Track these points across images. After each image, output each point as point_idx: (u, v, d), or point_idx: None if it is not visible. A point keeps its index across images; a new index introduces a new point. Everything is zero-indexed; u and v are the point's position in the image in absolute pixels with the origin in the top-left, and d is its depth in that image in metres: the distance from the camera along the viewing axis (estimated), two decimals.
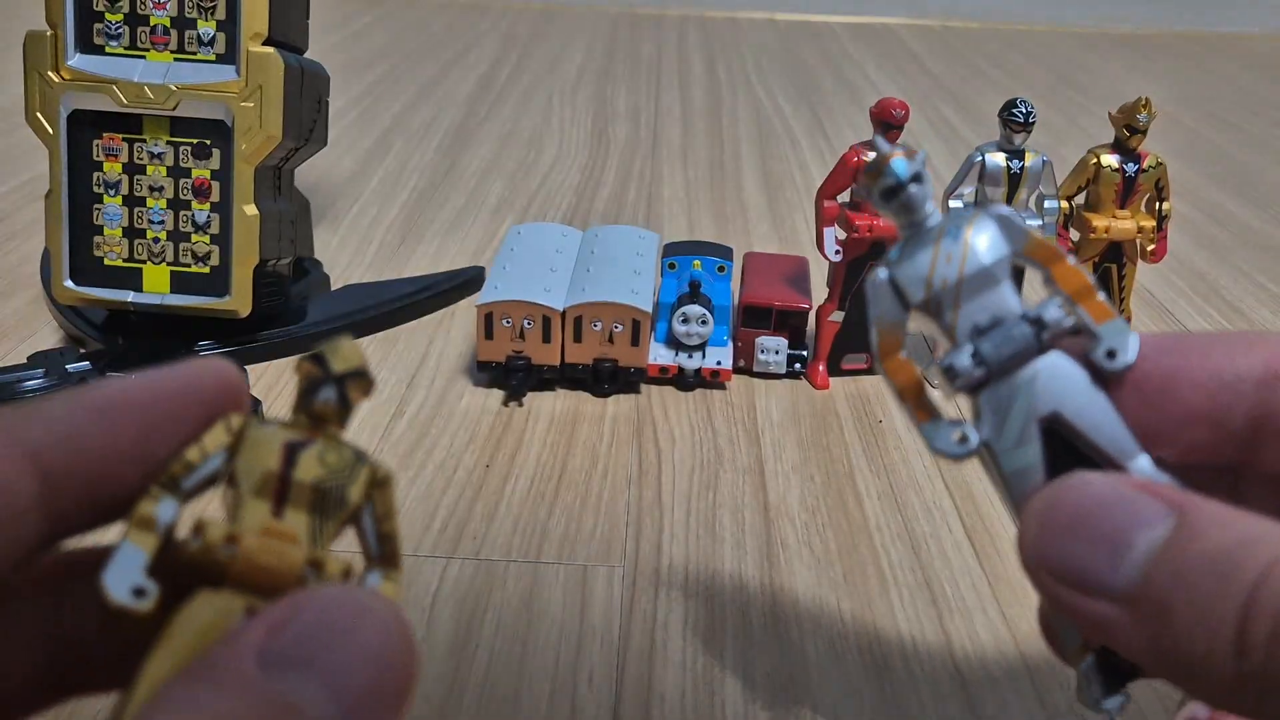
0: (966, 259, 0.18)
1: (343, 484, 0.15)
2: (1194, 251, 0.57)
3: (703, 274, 0.43)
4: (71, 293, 0.39)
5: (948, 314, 0.18)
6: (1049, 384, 0.17)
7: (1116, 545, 0.15)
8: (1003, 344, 0.17)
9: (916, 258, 0.18)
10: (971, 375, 0.17)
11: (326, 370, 0.15)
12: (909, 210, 0.18)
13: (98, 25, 0.38)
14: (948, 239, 0.18)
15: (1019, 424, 0.17)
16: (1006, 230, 0.18)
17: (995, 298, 0.18)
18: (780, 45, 1.07)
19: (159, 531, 0.15)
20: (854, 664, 0.28)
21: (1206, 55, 1.11)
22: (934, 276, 0.18)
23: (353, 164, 0.65)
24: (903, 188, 0.18)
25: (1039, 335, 0.17)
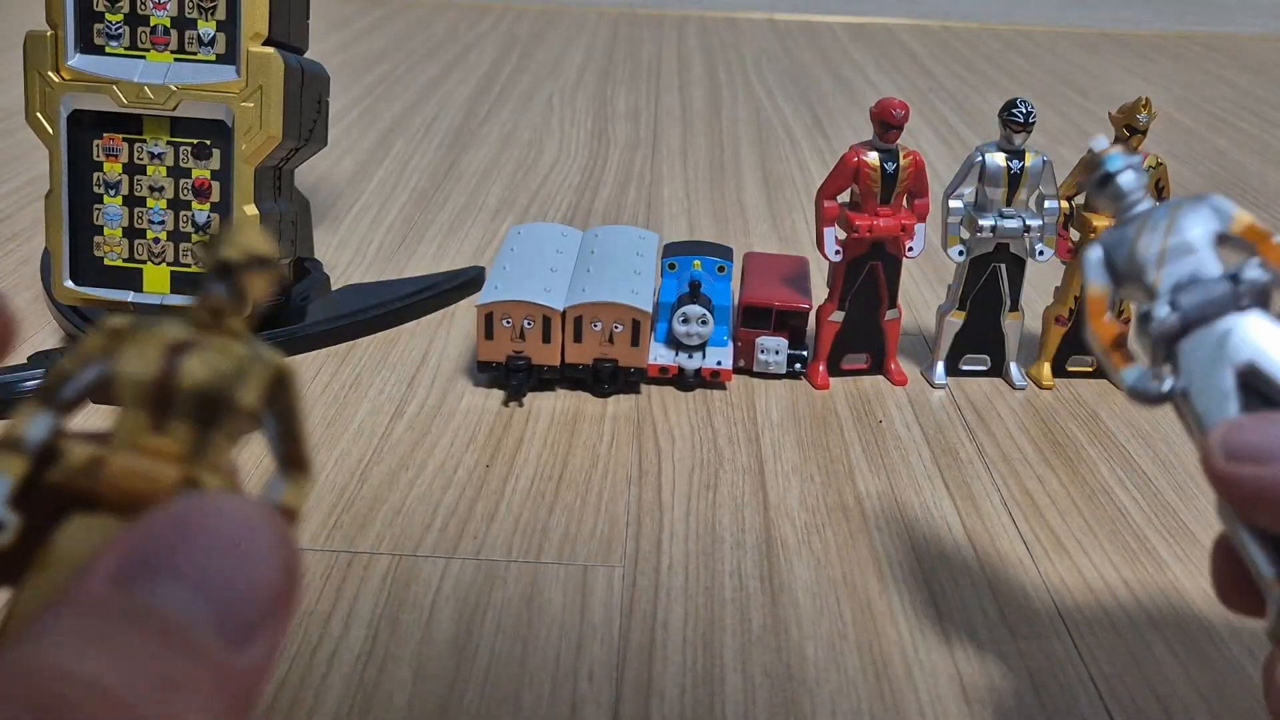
0: (1171, 231, 0.19)
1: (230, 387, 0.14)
2: None
3: (703, 274, 0.43)
4: (72, 292, 0.39)
5: (1150, 274, 0.19)
6: (1245, 336, 0.18)
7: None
8: (1200, 296, 0.19)
9: (1126, 230, 0.20)
10: (1167, 323, 0.19)
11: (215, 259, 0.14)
12: (1119, 196, 0.20)
13: (98, 25, 0.38)
14: (1156, 216, 0.20)
15: (1214, 372, 0.18)
16: (1214, 210, 0.20)
17: (1195, 260, 0.19)
18: (780, 45, 1.07)
19: (27, 451, 0.14)
20: (853, 663, 0.28)
21: (1205, 57, 1.12)
22: (1139, 243, 0.19)
23: (353, 164, 0.65)
24: (1112, 177, 0.20)
25: (1236, 291, 0.19)
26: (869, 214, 0.40)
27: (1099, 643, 0.29)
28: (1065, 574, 0.31)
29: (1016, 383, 0.42)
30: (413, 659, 0.27)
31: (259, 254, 0.14)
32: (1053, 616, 0.30)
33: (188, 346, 0.14)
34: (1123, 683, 0.27)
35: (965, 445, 0.38)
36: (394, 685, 0.26)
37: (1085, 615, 0.30)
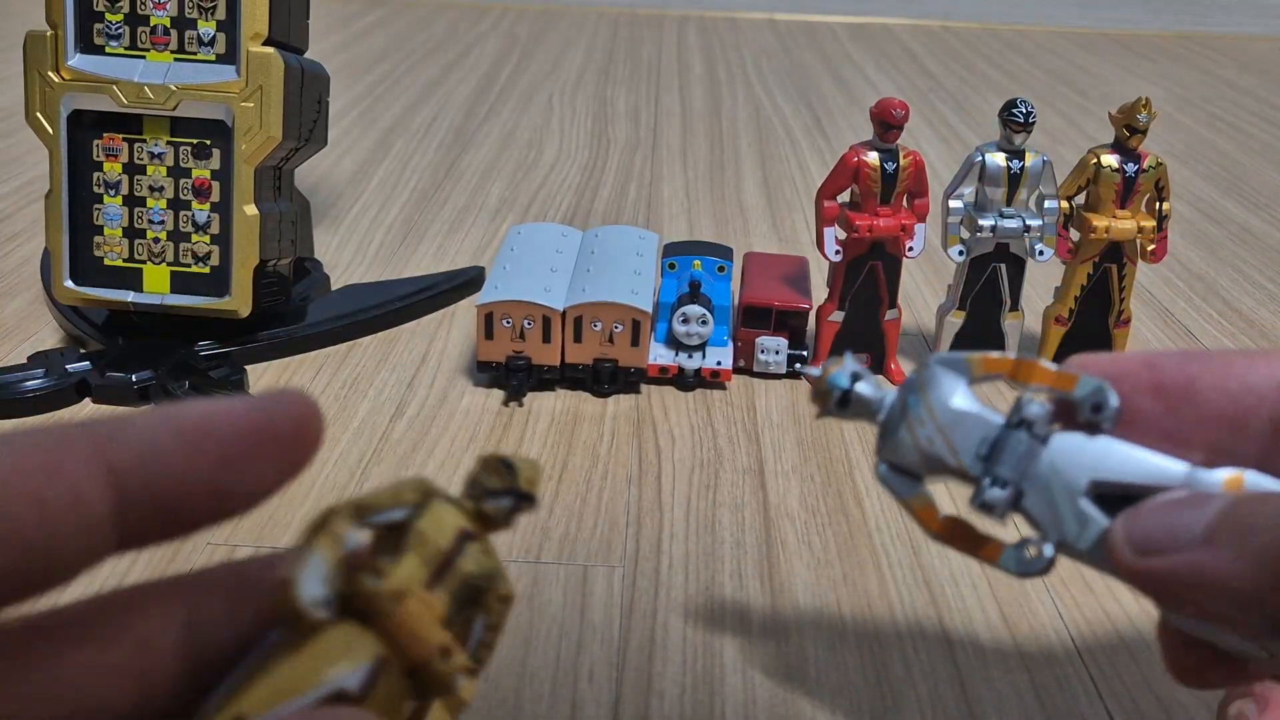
0: (935, 411, 0.19)
1: (485, 587, 0.16)
2: (1193, 252, 0.57)
3: (703, 274, 0.43)
4: (72, 293, 0.39)
5: (950, 461, 0.19)
6: (1068, 462, 0.19)
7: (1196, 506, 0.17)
8: (1009, 459, 0.19)
9: (898, 437, 0.20)
10: (1005, 499, 0.19)
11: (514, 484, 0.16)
12: (868, 406, 0.20)
13: (98, 25, 0.38)
14: (911, 408, 0.19)
15: (1070, 510, 0.19)
16: (952, 370, 0.20)
17: (977, 424, 0.19)
18: (780, 45, 1.07)
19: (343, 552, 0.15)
20: (853, 664, 0.28)
21: (1205, 57, 1.12)
22: (920, 442, 0.19)
23: (353, 164, 0.65)
24: (849, 393, 0.20)
25: (1032, 433, 0.19)
26: (869, 214, 0.40)
27: (1099, 643, 0.29)
28: (1065, 574, 0.31)
29: None
30: None
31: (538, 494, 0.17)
32: (1053, 616, 0.30)
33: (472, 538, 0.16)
34: (1122, 683, 0.27)
35: None
36: None
37: (1085, 615, 0.30)
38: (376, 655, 0.15)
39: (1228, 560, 0.16)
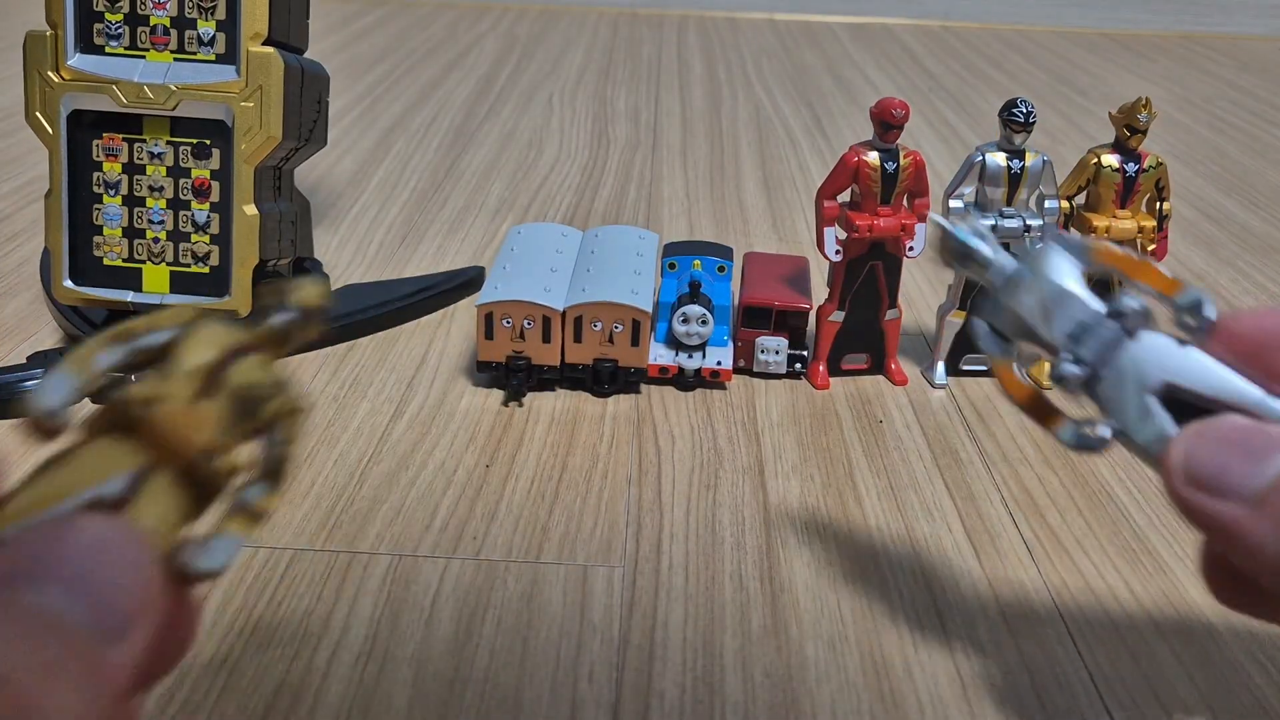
0: (1043, 285, 0.20)
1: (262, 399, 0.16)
2: (1193, 252, 0.57)
3: (703, 274, 0.43)
4: (71, 293, 0.39)
5: (1043, 334, 0.20)
6: (1148, 360, 0.19)
7: (1258, 456, 0.16)
8: (1094, 342, 0.19)
9: (1002, 301, 0.20)
10: (1078, 377, 0.19)
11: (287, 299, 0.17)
12: (984, 265, 0.21)
13: (98, 25, 0.38)
14: (1022, 274, 0.20)
15: (1136, 402, 0.19)
16: (1069, 250, 0.20)
17: (1077, 308, 0.20)
18: (780, 45, 1.07)
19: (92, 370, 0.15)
20: (853, 664, 0.28)
21: (1206, 57, 1.12)
22: (1021, 309, 0.20)
23: (353, 164, 0.65)
24: (971, 250, 0.20)
25: (1124, 325, 0.19)
26: (869, 214, 0.40)
27: (1099, 643, 0.29)
28: (1065, 574, 0.31)
29: None
30: (413, 659, 0.27)
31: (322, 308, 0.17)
32: (1053, 616, 0.30)
33: (244, 352, 0.16)
34: (1123, 683, 0.27)
35: (966, 445, 0.38)
36: (394, 685, 0.26)
37: (1085, 615, 0.30)
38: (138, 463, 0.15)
39: (1269, 532, 0.16)
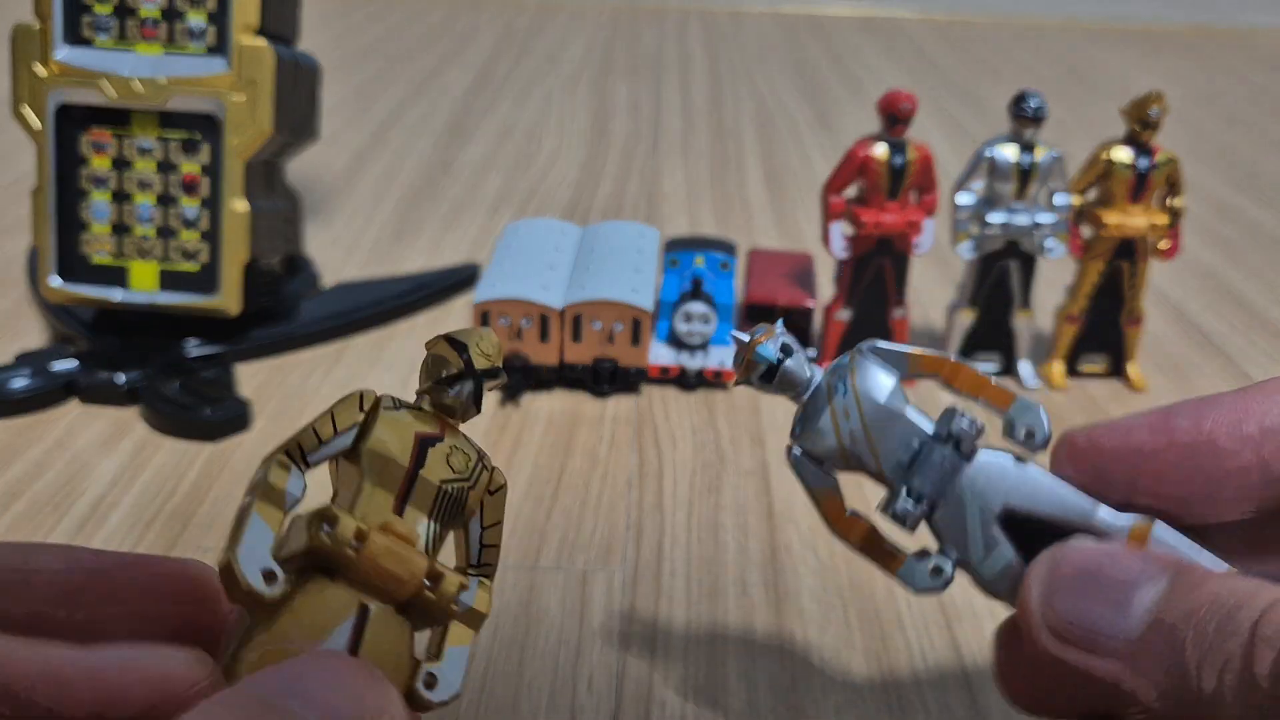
0: (862, 406, 0.18)
1: (465, 490, 0.15)
2: (1204, 250, 0.56)
3: (705, 271, 0.42)
4: (59, 291, 0.38)
5: (870, 462, 0.18)
6: (986, 484, 0.18)
7: (1120, 598, 0.15)
8: (930, 473, 0.18)
9: (819, 424, 0.18)
10: (917, 514, 0.18)
11: (469, 366, 0.15)
12: (792, 384, 0.19)
13: (86, 18, 0.37)
14: (838, 395, 0.18)
15: (980, 533, 0.18)
16: (887, 362, 0.19)
17: (904, 429, 0.18)
18: (783, 38, 1.06)
19: (286, 508, 0.14)
20: (859, 671, 0.27)
21: (1216, 50, 1.10)
22: (841, 435, 0.18)
23: (347, 159, 0.64)
24: (777, 367, 0.18)
25: (958, 449, 0.18)
26: (875, 209, 0.39)
27: None
28: None
29: (1028, 382, 0.41)
30: None
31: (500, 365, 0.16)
32: None
33: (435, 440, 0.15)
34: None
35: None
36: None
37: None
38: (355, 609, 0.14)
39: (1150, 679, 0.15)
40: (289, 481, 0.14)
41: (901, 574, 0.18)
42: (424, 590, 0.15)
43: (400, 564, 0.14)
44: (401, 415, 0.15)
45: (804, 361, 0.19)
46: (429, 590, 0.15)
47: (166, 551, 0.30)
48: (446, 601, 0.15)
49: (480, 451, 0.16)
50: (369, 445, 0.15)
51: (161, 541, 0.30)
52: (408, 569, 0.14)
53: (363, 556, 0.14)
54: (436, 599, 0.15)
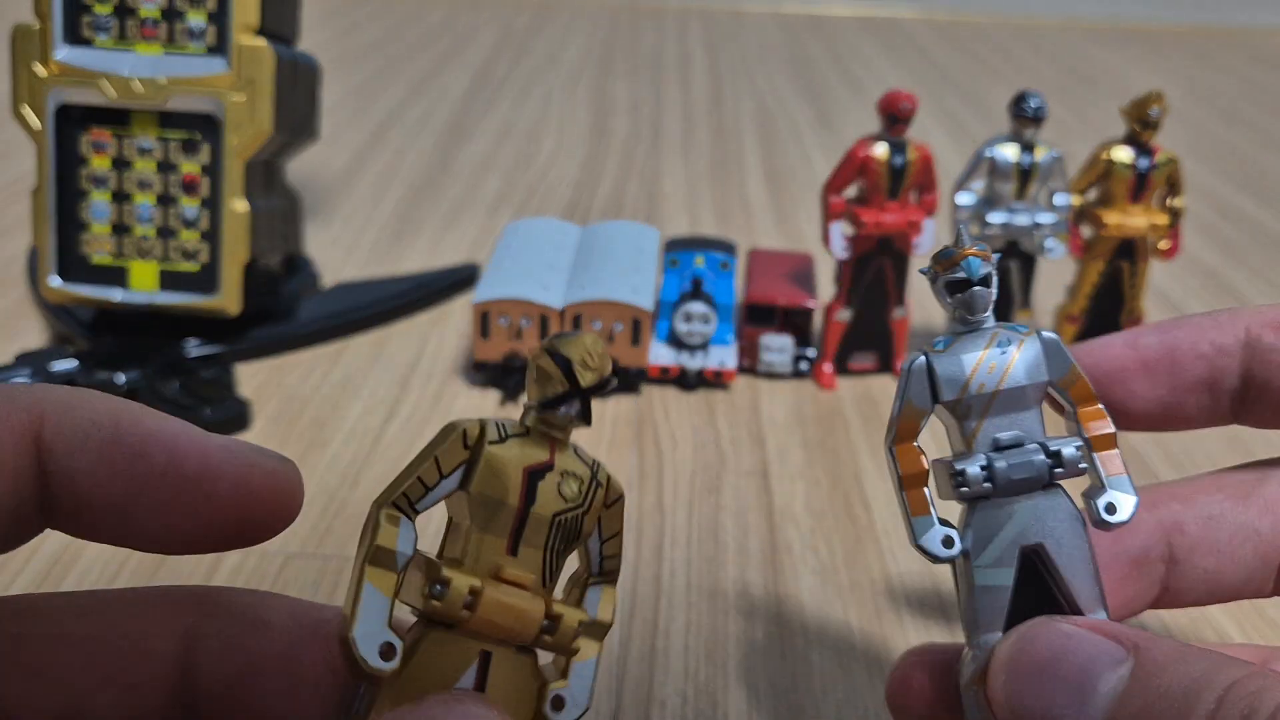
0: (1009, 374, 0.18)
1: (580, 516, 0.15)
2: (1206, 250, 0.56)
3: (705, 271, 0.42)
4: (58, 291, 0.38)
5: (973, 421, 0.18)
6: (1044, 519, 0.18)
7: (1081, 687, 0.15)
8: (1016, 468, 0.18)
9: (962, 358, 0.18)
10: (979, 488, 0.18)
11: (575, 384, 0.14)
12: (969, 308, 0.18)
13: (86, 17, 0.37)
14: (996, 349, 0.18)
15: (1003, 547, 0.18)
16: (1053, 358, 0.18)
17: (1023, 418, 0.18)
18: (784, 38, 1.06)
19: (399, 568, 0.14)
20: (860, 673, 0.27)
21: (1217, 50, 1.10)
22: (973, 381, 0.18)
23: (346, 159, 0.64)
24: (971, 285, 0.18)
25: (1051, 469, 0.18)
26: (875, 209, 0.39)
27: None
28: None
29: None
30: None
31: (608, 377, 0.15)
32: None
33: (544, 470, 0.14)
34: None
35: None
36: None
37: None
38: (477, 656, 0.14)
39: None
40: (399, 540, 0.14)
41: (917, 523, 0.18)
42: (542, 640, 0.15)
43: (516, 618, 0.14)
44: (507, 449, 0.14)
45: (993, 299, 0.18)
46: (547, 634, 0.15)
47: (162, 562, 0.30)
48: (567, 643, 0.15)
49: (594, 465, 0.15)
50: (474, 489, 0.14)
51: None
52: (523, 621, 0.14)
53: (476, 616, 0.14)
54: (555, 642, 0.15)
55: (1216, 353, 0.19)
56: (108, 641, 0.15)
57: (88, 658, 0.15)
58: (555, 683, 0.15)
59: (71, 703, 0.14)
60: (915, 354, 0.19)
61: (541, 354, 0.14)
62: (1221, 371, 0.19)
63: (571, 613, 0.15)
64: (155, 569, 0.29)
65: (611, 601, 0.15)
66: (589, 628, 0.15)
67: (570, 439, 0.15)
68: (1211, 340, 0.19)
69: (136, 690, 0.15)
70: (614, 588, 0.16)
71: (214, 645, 0.15)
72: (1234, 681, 0.14)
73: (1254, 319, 0.19)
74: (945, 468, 0.18)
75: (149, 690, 0.15)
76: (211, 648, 0.15)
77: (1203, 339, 0.19)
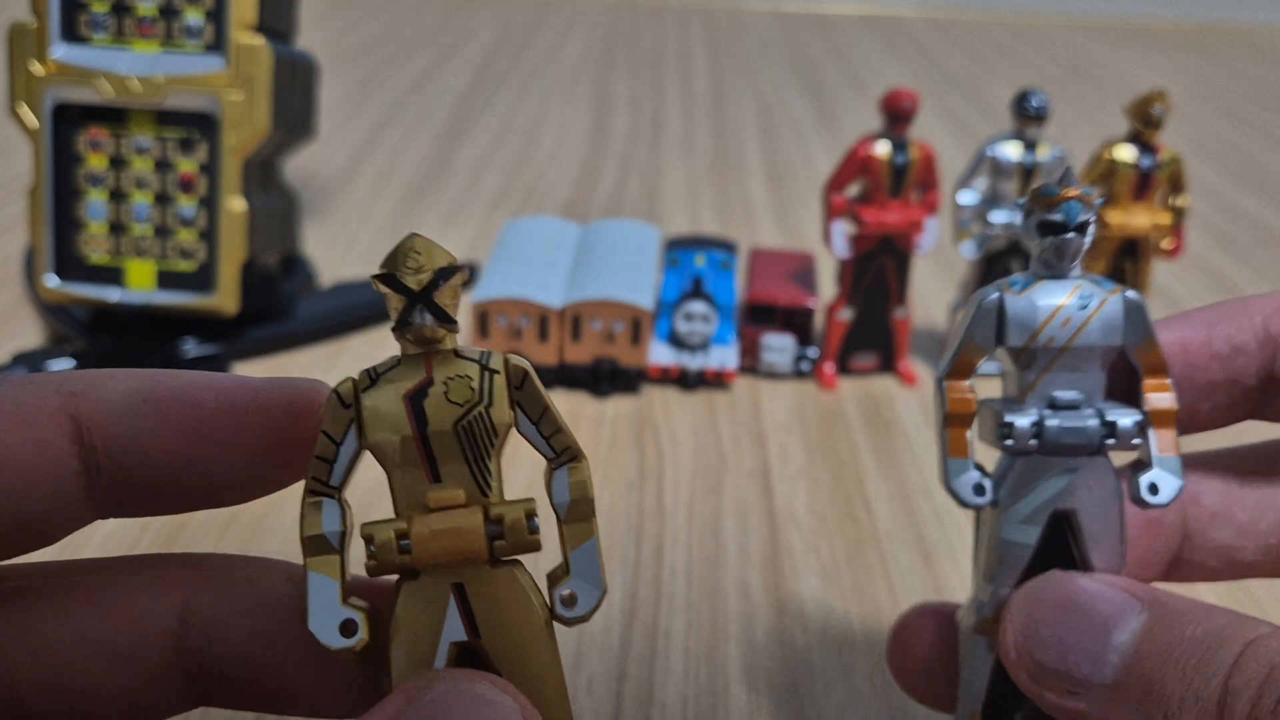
0: (1084, 331, 0.17)
1: (483, 411, 0.14)
2: (1209, 249, 0.56)
3: (705, 270, 0.41)
4: (55, 291, 0.38)
5: (1034, 373, 0.17)
6: (1083, 486, 0.17)
7: (1097, 638, 0.15)
8: (1068, 432, 0.17)
9: (1038, 304, 0.17)
10: (1025, 444, 0.17)
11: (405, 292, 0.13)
12: (1060, 255, 0.17)
13: (83, 15, 0.37)
14: (1076, 301, 0.17)
15: (1035, 505, 0.17)
16: (1133, 321, 0.17)
17: (1086, 379, 0.17)
18: (785, 35, 1.06)
19: (337, 546, 0.14)
20: (861, 674, 0.27)
21: (1220, 48, 1.10)
22: (1044, 332, 0.17)
23: (344, 157, 0.64)
24: (1066, 230, 0.17)
25: (1104, 438, 0.17)
26: (877, 208, 0.39)
27: None
28: None
29: None
30: None
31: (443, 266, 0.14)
32: None
33: (425, 388, 0.14)
34: None
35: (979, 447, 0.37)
36: None
37: None
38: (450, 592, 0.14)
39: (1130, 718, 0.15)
40: (323, 523, 0.14)
41: (953, 464, 0.18)
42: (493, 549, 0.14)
43: (455, 538, 0.14)
44: (381, 389, 0.14)
45: (1084, 250, 0.17)
46: (498, 539, 0.14)
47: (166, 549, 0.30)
48: (523, 538, 0.14)
49: (482, 356, 0.14)
50: (370, 440, 0.14)
51: (159, 542, 0.30)
52: (464, 537, 0.14)
53: (416, 553, 0.14)
54: (511, 543, 0.14)
55: (1234, 352, 0.18)
56: (103, 613, 0.15)
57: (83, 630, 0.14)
58: (560, 581, 0.15)
59: (69, 675, 0.14)
60: (989, 289, 0.18)
61: (373, 279, 0.14)
62: (1239, 372, 0.18)
63: (512, 507, 0.14)
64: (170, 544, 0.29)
65: (581, 475, 0.15)
66: (571, 510, 0.15)
67: (451, 344, 0.14)
68: (1228, 338, 0.18)
69: (135, 661, 0.15)
70: (580, 462, 0.15)
71: (214, 614, 0.15)
72: (1257, 635, 0.14)
73: (1268, 310, 0.18)
74: (994, 415, 0.18)
75: (148, 661, 0.15)
76: (212, 616, 0.15)
77: (1217, 337, 0.18)
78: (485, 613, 0.14)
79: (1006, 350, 0.18)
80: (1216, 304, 0.18)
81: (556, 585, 0.15)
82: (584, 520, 0.15)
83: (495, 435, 0.14)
